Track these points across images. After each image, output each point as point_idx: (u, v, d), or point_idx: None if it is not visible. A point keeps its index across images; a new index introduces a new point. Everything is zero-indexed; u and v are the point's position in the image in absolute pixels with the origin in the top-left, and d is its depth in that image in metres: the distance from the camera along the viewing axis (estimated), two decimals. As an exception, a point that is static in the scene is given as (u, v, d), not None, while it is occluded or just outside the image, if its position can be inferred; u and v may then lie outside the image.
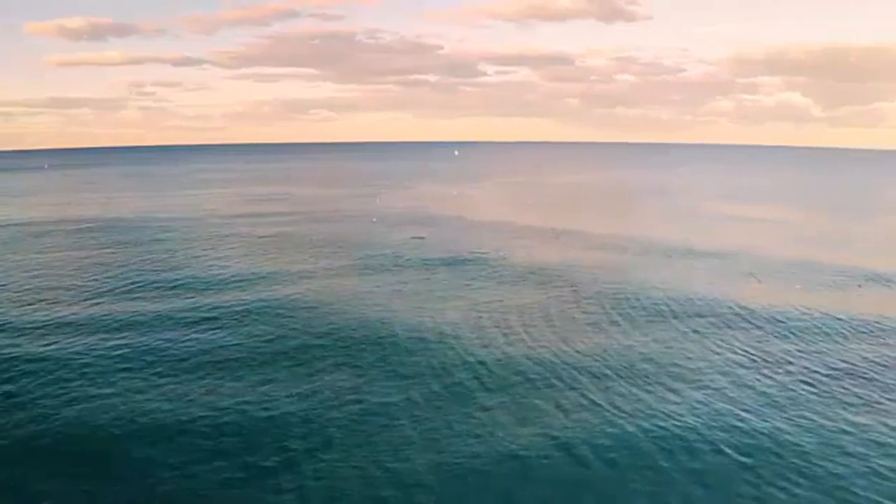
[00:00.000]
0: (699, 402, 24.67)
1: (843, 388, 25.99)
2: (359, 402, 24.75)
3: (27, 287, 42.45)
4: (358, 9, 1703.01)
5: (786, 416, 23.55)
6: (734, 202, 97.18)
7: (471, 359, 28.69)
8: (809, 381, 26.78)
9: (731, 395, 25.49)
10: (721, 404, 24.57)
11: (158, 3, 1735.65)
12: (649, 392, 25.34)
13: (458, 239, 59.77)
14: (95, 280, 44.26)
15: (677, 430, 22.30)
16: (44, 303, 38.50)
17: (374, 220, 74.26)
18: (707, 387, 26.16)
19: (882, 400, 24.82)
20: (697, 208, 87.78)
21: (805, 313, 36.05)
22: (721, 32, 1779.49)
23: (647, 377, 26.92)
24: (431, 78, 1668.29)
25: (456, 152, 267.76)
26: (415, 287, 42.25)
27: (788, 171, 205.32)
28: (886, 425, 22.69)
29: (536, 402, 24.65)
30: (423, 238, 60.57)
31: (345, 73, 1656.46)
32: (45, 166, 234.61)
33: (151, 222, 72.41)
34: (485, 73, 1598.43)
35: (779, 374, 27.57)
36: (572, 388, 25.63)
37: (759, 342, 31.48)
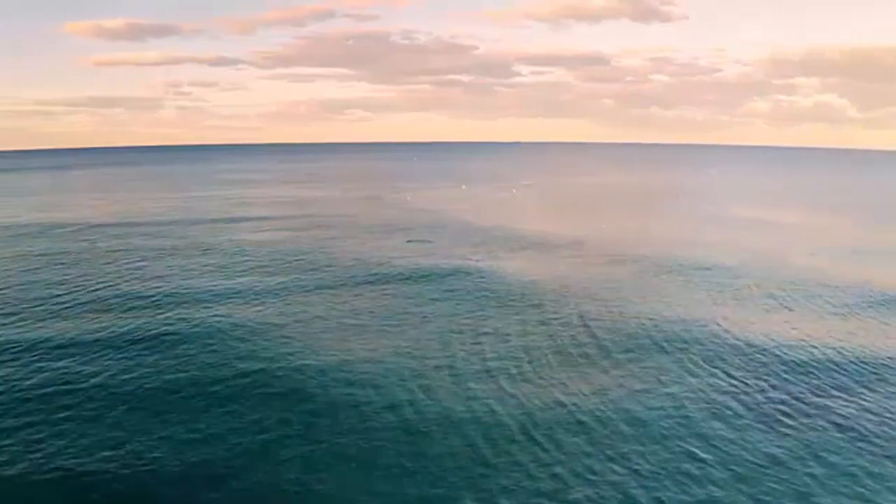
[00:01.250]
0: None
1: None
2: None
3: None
4: (393, 9, 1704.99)
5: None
6: (765, 206, 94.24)
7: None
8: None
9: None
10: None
11: (197, 4, 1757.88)
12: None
13: (456, 246, 58.02)
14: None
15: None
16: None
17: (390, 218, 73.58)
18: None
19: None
20: (724, 212, 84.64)
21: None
22: (757, 33, 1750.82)
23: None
24: (466, 78, 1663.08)
25: (484, 157, 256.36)
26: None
27: (825, 173, 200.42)
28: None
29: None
30: (429, 242, 59.54)
31: (380, 73, 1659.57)
32: (72, 165, 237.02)
33: (147, 224, 72.45)
34: (519, 74, 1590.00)
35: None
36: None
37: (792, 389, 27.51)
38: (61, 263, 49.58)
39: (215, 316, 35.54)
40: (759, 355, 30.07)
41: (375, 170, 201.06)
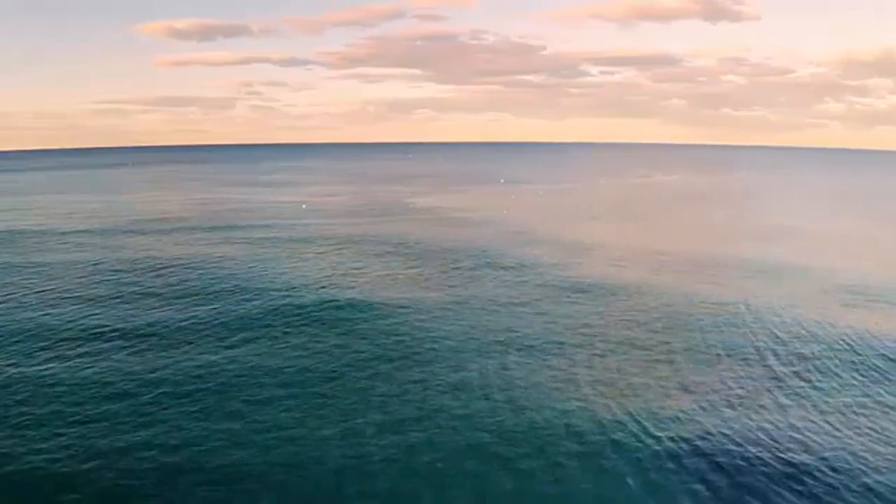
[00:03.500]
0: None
1: None
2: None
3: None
4: (462, 9, 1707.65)
5: None
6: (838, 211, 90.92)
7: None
8: None
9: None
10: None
11: (267, 4, 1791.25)
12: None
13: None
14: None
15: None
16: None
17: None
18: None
19: None
20: (787, 221, 79.63)
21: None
22: (829, 33, 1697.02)
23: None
24: (534, 78, 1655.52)
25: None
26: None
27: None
28: None
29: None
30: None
31: (448, 73, 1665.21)
32: (130, 164, 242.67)
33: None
34: (588, 74, 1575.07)
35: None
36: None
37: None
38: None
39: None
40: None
41: (443, 168, 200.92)
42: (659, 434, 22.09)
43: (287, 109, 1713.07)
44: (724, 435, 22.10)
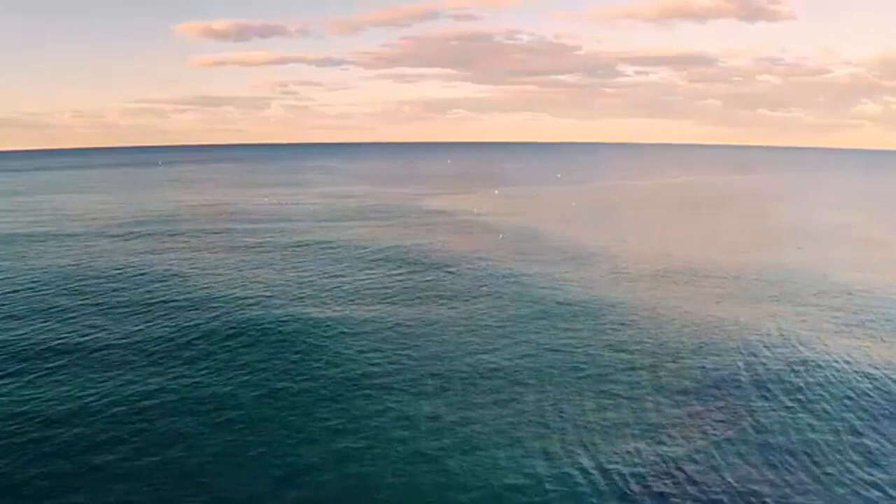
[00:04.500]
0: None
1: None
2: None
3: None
4: (496, 9, 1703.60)
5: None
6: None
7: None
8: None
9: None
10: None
11: (302, 4, 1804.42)
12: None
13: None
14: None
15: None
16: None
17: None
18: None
19: None
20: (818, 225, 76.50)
21: None
22: (866, 33, 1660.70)
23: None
24: (569, 78, 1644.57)
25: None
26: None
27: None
28: None
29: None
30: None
31: (483, 73, 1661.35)
32: (160, 163, 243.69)
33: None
34: (624, 74, 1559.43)
35: None
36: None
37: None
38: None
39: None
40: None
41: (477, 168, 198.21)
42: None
43: (322, 109, 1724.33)
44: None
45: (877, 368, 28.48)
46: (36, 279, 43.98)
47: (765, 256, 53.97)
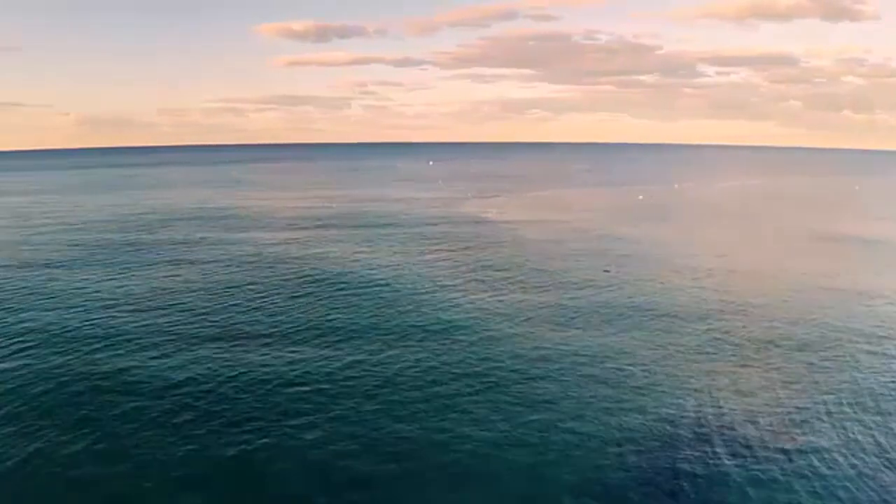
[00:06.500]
0: None
1: None
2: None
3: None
4: (575, 9, 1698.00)
5: None
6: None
7: None
8: None
9: None
10: None
11: (381, 5, 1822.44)
12: None
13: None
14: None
15: None
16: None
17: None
18: None
19: None
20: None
21: None
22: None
23: None
24: (648, 79, 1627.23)
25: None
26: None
27: None
28: None
29: None
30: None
31: (561, 73, 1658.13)
32: (228, 162, 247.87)
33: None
34: (704, 74, 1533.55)
35: None
36: None
37: None
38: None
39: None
40: None
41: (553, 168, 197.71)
42: None
43: (401, 109, 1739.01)
44: None
45: None
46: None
47: None
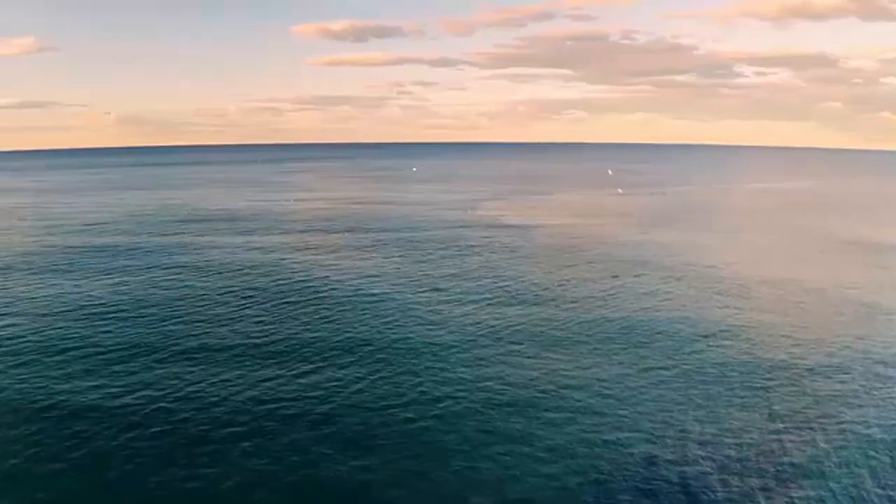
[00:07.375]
0: None
1: None
2: None
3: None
4: (612, 9, 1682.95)
5: None
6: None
7: None
8: None
9: None
10: None
11: (418, 5, 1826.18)
12: None
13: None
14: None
15: None
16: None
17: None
18: None
19: None
20: None
21: None
22: None
23: None
24: (686, 79, 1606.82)
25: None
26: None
27: None
28: None
29: None
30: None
31: (599, 73, 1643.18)
32: (259, 160, 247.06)
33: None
34: (742, 75, 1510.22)
35: None
36: None
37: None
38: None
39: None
40: None
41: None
42: None
43: (437, 109, 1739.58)
44: None
45: None
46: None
47: None
